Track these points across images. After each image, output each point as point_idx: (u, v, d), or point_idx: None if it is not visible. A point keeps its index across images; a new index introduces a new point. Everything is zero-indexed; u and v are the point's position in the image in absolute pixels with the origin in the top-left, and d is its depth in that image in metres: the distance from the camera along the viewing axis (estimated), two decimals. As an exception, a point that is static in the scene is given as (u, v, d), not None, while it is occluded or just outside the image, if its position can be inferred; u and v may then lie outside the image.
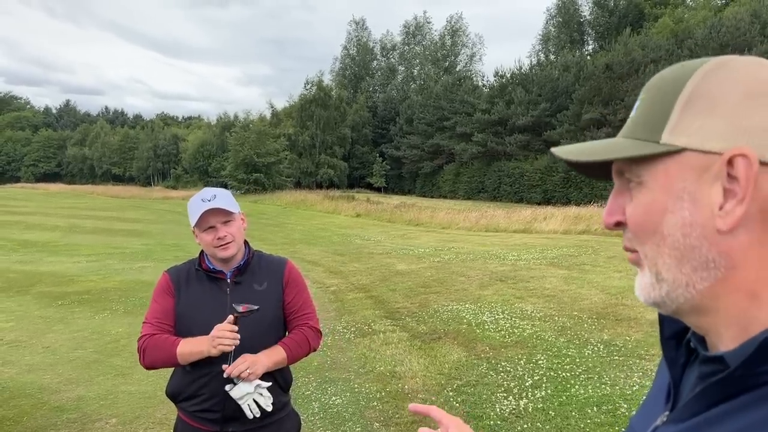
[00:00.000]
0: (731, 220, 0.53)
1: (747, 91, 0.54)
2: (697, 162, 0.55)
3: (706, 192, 0.54)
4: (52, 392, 5.02)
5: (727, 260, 0.54)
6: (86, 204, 36.34)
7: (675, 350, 0.67)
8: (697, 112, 0.55)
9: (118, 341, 6.53)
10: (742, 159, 0.52)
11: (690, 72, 0.58)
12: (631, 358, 5.44)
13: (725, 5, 42.00)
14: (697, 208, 0.55)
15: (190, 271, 2.13)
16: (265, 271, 2.17)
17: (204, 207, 2.00)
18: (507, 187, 42.33)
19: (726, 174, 0.53)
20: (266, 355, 2.01)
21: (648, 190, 0.58)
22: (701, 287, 0.56)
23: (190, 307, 2.06)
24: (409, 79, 69.31)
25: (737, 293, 0.55)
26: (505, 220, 19.98)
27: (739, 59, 0.57)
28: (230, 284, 2.09)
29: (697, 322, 0.59)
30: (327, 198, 34.52)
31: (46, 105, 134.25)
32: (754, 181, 0.51)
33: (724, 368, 0.54)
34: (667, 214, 0.57)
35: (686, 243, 0.56)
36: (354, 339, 6.48)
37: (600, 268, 10.16)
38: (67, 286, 9.73)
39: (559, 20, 57.60)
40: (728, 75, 0.55)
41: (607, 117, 35.37)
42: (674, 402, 0.64)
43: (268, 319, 2.09)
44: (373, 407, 4.59)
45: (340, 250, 14.18)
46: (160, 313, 2.08)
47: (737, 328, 0.55)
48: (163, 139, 75.17)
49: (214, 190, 2.10)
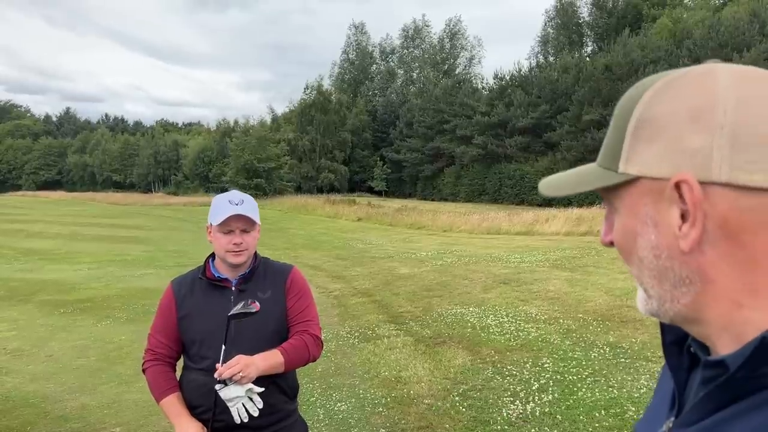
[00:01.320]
0: (689, 241, 0.54)
1: (689, 112, 0.54)
2: (652, 188, 0.56)
3: (665, 215, 0.56)
4: (56, 401, 5.00)
5: (701, 275, 0.55)
6: (87, 211, 36.36)
7: (677, 356, 0.68)
8: (645, 139, 0.56)
9: (122, 349, 6.50)
10: (684, 184, 0.53)
11: (640, 95, 0.58)
12: (637, 361, 5.40)
13: (723, 5, 42.00)
14: (660, 232, 0.57)
15: (194, 280, 2.12)
16: (269, 279, 2.14)
17: (231, 210, 1.98)
18: (508, 189, 42.33)
19: (678, 197, 0.54)
20: (262, 357, 1.91)
21: (620, 216, 0.61)
22: (685, 301, 0.57)
23: (193, 317, 2.05)
24: (409, 82, 69.35)
25: (721, 303, 0.55)
26: (506, 222, 19.96)
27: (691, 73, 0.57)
28: (234, 292, 2.07)
29: (693, 330, 0.61)
30: (328, 202, 34.51)
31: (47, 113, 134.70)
32: (700, 203, 0.52)
33: (725, 372, 0.54)
34: (638, 237, 0.59)
35: (658, 264, 0.58)
36: (358, 344, 6.44)
37: (603, 269, 10.12)
38: (69, 294, 9.71)
39: (557, 22, 57.60)
40: (672, 97, 0.56)
41: (607, 118, 35.31)
42: (679, 407, 0.65)
43: (270, 328, 2.06)
44: (379, 413, 4.56)
45: (342, 255, 14.16)
46: (161, 331, 2.11)
47: (730, 334, 0.56)
48: (164, 145, 75.29)
49: (242, 195, 2.09)
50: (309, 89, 57.13)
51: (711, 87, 0.54)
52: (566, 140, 38.17)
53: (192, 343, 2.05)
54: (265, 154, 45.89)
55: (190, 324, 2.05)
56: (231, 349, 1.91)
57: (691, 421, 0.58)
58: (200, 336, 2.02)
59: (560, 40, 56.46)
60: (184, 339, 2.07)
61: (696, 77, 0.56)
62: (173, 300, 2.09)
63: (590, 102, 36.85)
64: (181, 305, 2.07)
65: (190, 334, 2.05)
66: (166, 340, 2.10)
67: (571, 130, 38.19)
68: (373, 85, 71.11)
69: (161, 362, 2.10)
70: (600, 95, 36.16)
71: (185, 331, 2.06)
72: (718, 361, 0.55)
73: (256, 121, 57.57)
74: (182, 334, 2.07)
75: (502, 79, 48.02)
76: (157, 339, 2.11)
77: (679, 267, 0.56)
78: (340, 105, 56.88)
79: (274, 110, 67.74)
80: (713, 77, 0.55)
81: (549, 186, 0.67)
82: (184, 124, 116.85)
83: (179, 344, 2.11)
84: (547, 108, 40.81)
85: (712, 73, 0.55)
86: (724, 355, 0.55)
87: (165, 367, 2.11)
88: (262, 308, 1.97)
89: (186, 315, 2.06)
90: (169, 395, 2.04)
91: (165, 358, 2.11)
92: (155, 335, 2.12)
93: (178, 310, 2.07)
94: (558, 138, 39.11)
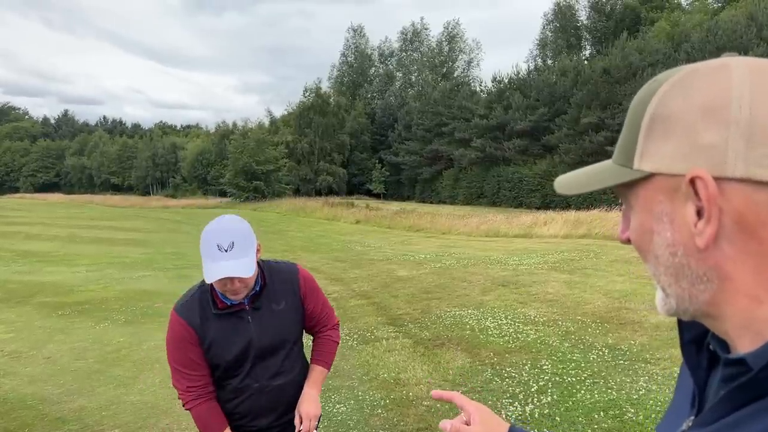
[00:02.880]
0: (704, 238, 0.54)
1: (703, 108, 0.54)
2: (667, 185, 0.56)
3: (681, 212, 0.55)
4: (54, 403, 4.98)
5: (719, 272, 0.55)
6: (85, 214, 36.33)
7: (696, 355, 0.67)
8: (659, 136, 0.56)
9: (120, 351, 6.49)
10: (699, 180, 0.52)
11: (654, 91, 0.58)
12: (636, 362, 5.40)
13: (721, 8, 42.11)
14: (675, 229, 0.56)
15: (203, 308, 2.00)
16: (279, 288, 2.09)
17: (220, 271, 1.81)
18: (506, 192, 42.33)
19: (694, 194, 0.53)
20: (315, 387, 2.16)
21: (636, 213, 0.61)
22: (704, 298, 0.57)
23: (216, 347, 2.00)
24: (407, 85, 69.41)
25: (740, 300, 0.55)
26: (505, 224, 19.95)
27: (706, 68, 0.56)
28: (250, 311, 2.03)
29: (714, 327, 0.60)
30: (326, 205, 34.48)
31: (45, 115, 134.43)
32: (715, 199, 0.52)
33: (746, 370, 0.53)
34: (654, 235, 0.59)
35: (675, 262, 0.57)
36: (357, 346, 6.44)
37: (602, 272, 10.12)
38: (68, 296, 9.69)
39: (556, 25, 57.66)
40: (686, 92, 0.55)
41: (605, 121, 35.40)
42: (699, 406, 0.64)
43: (293, 337, 2.15)
44: (378, 415, 4.55)
45: (340, 257, 14.15)
46: (189, 364, 2.00)
47: (751, 331, 0.55)
48: (162, 147, 75.29)
49: (231, 232, 1.85)
50: (307, 92, 57.21)
51: (725, 82, 0.54)
52: (564, 143, 38.19)
53: (216, 366, 2.04)
54: (264, 157, 45.89)
55: (213, 352, 2.00)
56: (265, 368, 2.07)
57: (711, 419, 0.57)
58: (225, 363, 2.02)
59: (558, 43, 56.51)
60: (212, 369, 2.06)
61: (710, 72, 0.55)
62: (191, 330, 1.98)
63: (588, 105, 36.89)
64: (202, 336, 1.98)
65: (216, 360, 2.02)
66: (197, 370, 2.01)
67: (569, 133, 38.21)
68: (371, 88, 71.19)
69: (204, 398, 2.03)
70: (598, 98, 36.21)
71: (210, 358, 2.02)
72: (739, 359, 0.55)
73: (255, 124, 57.64)
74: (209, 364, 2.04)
75: (501, 82, 48.08)
76: (189, 374, 2.01)
77: (696, 264, 0.56)
78: (339, 107, 56.90)
79: (272, 113, 67.75)
80: (727, 72, 0.54)
81: (564, 185, 0.68)
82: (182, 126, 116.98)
83: (208, 368, 2.05)
84: (546, 111, 40.85)
85: (727, 67, 0.55)
86: (745, 354, 0.54)
87: (209, 403, 2.04)
88: (280, 318, 2.07)
89: (209, 345, 1.99)
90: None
91: (206, 394, 2.04)
92: (185, 371, 2.01)
93: (201, 341, 1.99)
94: (556, 141, 39.14)
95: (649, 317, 6.86)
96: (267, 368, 2.06)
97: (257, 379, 2.05)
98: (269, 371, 2.07)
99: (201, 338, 1.98)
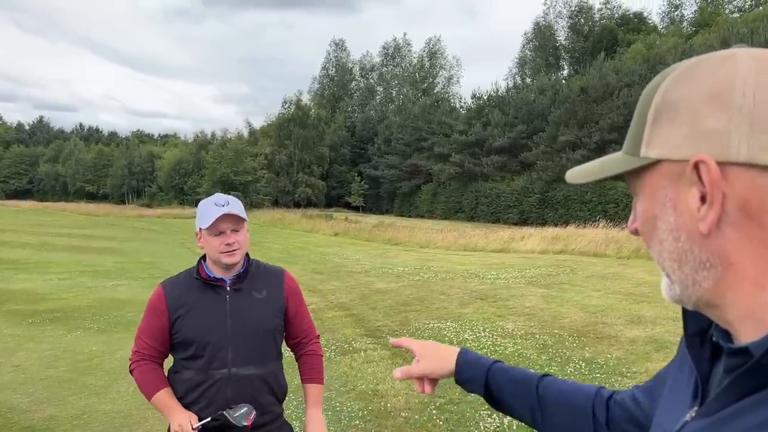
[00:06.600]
0: (707, 223, 0.54)
1: (708, 95, 0.54)
2: (672, 170, 0.57)
3: (684, 198, 0.56)
4: (23, 412, 4.85)
5: (722, 258, 0.55)
6: (58, 221, 35.66)
7: (699, 347, 0.67)
8: (665, 123, 0.57)
9: (92, 360, 6.35)
10: (702, 165, 0.53)
11: (662, 80, 0.60)
12: (613, 376, 5.45)
13: (695, 32, 43.28)
14: (679, 214, 0.57)
15: (186, 280, 2.11)
16: (263, 279, 2.16)
17: (219, 212, 1.99)
18: (484, 207, 42.70)
19: (697, 179, 0.54)
20: (315, 405, 2.18)
21: (640, 200, 0.62)
22: (707, 285, 0.57)
23: (188, 316, 2.04)
24: (388, 99, 69.91)
25: (744, 286, 0.55)
26: (483, 239, 20.05)
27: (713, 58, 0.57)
28: (230, 291, 2.08)
29: (717, 316, 0.60)
30: (305, 217, 34.37)
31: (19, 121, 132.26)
32: (718, 183, 0.52)
33: (749, 359, 0.53)
34: (658, 221, 0.60)
35: (678, 247, 0.58)
36: (335, 357, 6.39)
37: (578, 287, 10.22)
38: (39, 304, 9.47)
39: (535, 44, 58.71)
40: (692, 80, 0.56)
41: (582, 139, 35.98)
42: (703, 397, 0.64)
43: (268, 327, 2.12)
44: (356, 426, 4.51)
45: (318, 269, 14.08)
46: (149, 333, 2.08)
47: (753, 320, 0.55)
48: (138, 156, 74.52)
49: (226, 196, 2.09)
50: (287, 103, 57.27)
51: (730, 70, 0.54)
52: (542, 160, 38.70)
53: (186, 342, 2.03)
54: (242, 167, 45.73)
55: (184, 323, 2.03)
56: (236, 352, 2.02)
57: (715, 409, 0.57)
58: (195, 334, 2.01)
59: (537, 62, 57.50)
60: (178, 338, 2.05)
61: (717, 61, 0.56)
62: (165, 299, 2.06)
63: (566, 123, 37.48)
64: (174, 304, 2.04)
65: (185, 333, 2.03)
66: (154, 342, 2.08)
67: (546, 150, 38.74)
68: (352, 102, 71.55)
69: (148, 361, 2.09)
70: (575, 117, 36.82)
71: (179, 329, 2.03)
72: (742, 349, 0.55)
73: (234, 134, 57.41)
74: (175, 334, 2.05)
75: (480, 98, 48.72)
76: (145, 342, 2.09)
77: (699, 250, 0.56)
78: (319, 120, 57.01)
79: (251, 124, 67.67)
80: (733, 60, 0.55)
81: (575, 176, 0.70)
82: (159, 135, 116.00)
83: (167, 346, 2.09)
84: (524, 128, 41.42)
85: (733, 57, 0.56)
86: (748, 343, 0.54)
87: (153, 365, 2.09)
88: (259, 306, 2.08)
89: (180, 314, 2.04)
90: (161, 390, 2.03)
91: (152, 359, 2.10)
92: (143, 338, 2.09)
93: (172, 310, 2.04)
94: (534, 158, 39.64)
95: (625, 332, 6.93)
96: (237, 354, 2.01)
97: (224, 363, 2.00)
98: (239, 358, 2.01)
99: (172, 306, 2.04)
